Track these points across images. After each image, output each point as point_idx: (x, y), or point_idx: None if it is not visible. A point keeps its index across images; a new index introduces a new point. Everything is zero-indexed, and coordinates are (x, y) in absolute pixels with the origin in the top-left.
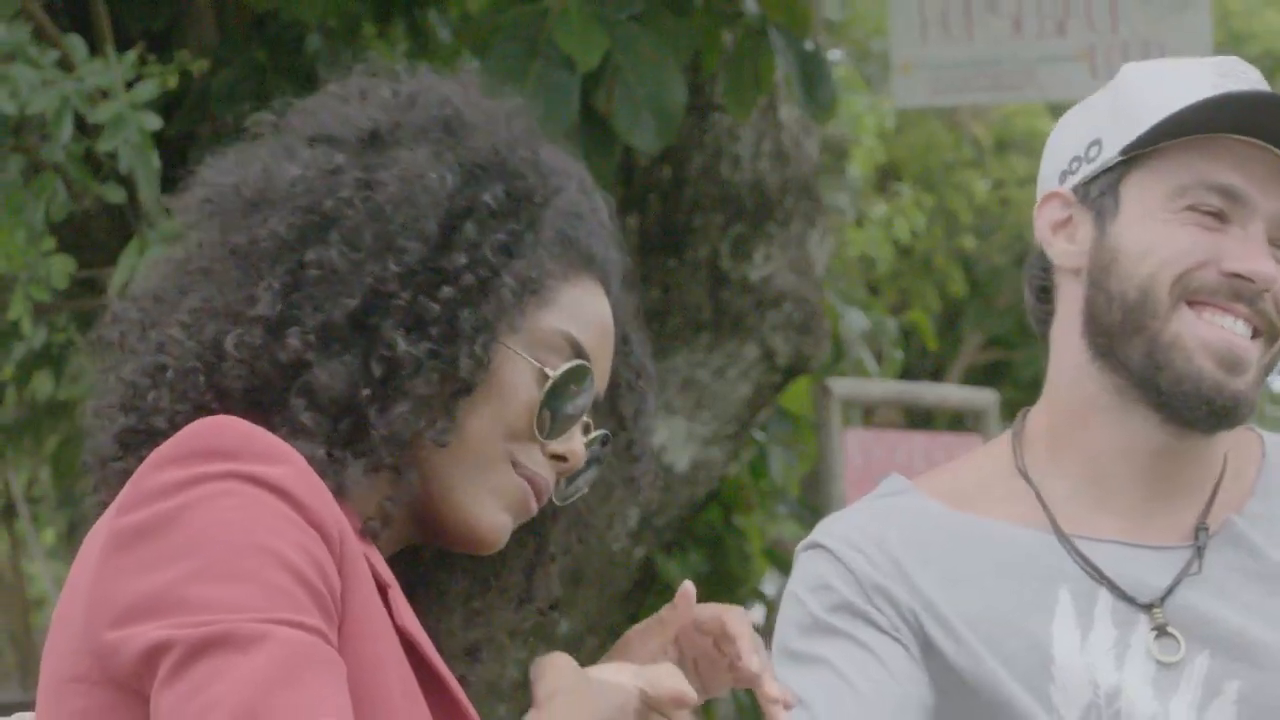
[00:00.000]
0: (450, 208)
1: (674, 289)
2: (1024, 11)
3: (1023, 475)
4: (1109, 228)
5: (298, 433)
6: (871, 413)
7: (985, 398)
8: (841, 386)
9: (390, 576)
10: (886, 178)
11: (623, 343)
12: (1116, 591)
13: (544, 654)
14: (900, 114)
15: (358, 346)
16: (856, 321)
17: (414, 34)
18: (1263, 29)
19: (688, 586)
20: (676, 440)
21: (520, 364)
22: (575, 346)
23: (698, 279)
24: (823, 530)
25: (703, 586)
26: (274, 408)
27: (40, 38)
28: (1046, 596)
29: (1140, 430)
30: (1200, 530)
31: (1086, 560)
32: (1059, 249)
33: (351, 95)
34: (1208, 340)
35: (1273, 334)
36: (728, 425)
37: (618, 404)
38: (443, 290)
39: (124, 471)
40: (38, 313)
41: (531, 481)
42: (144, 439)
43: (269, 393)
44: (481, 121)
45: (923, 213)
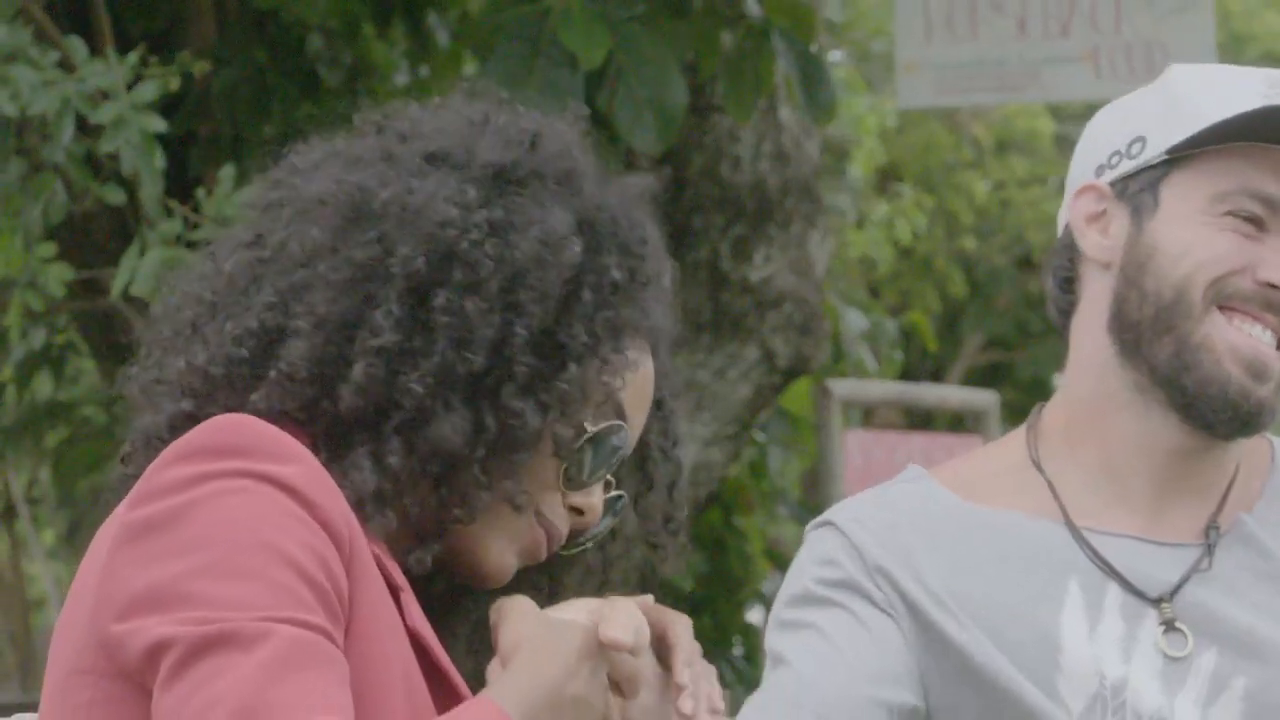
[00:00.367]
0: (576, 276)
1: (674, 290)
2: (1028, 12)
3: (1037, 467)
4: (1146, 225)
5: (384, 471)
6: (872, 414)
7: (985, 399)
8: (842, 387)
9: (403, 579)
10: (887, 179)
11: (658, 407)
12: (1126, 585)
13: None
14: (901, 115)
15: (474, 404)
16: (856, 321)
17: (413, 36)
18: (1263, 30)
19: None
20: None
21: None
22: (616, 406)
23: (698, 280)
24: (834, 510)
25: (703, 587)
26: (361, 439)
27: (41, 39)
28: (1056, 587)
29: (1159, 429)
30: (1211, 529)
31: (1097, 553)
32: (1091, 241)
33: (471, 118)
34: (1237, 346)
35: None
36: (728, 426)
37: (646, 467)
38: (558, 361)
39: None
40: (35, 315)
41: (547, 530)
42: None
43: (363, 424)
44: (594, 176)
45: (923, 214)
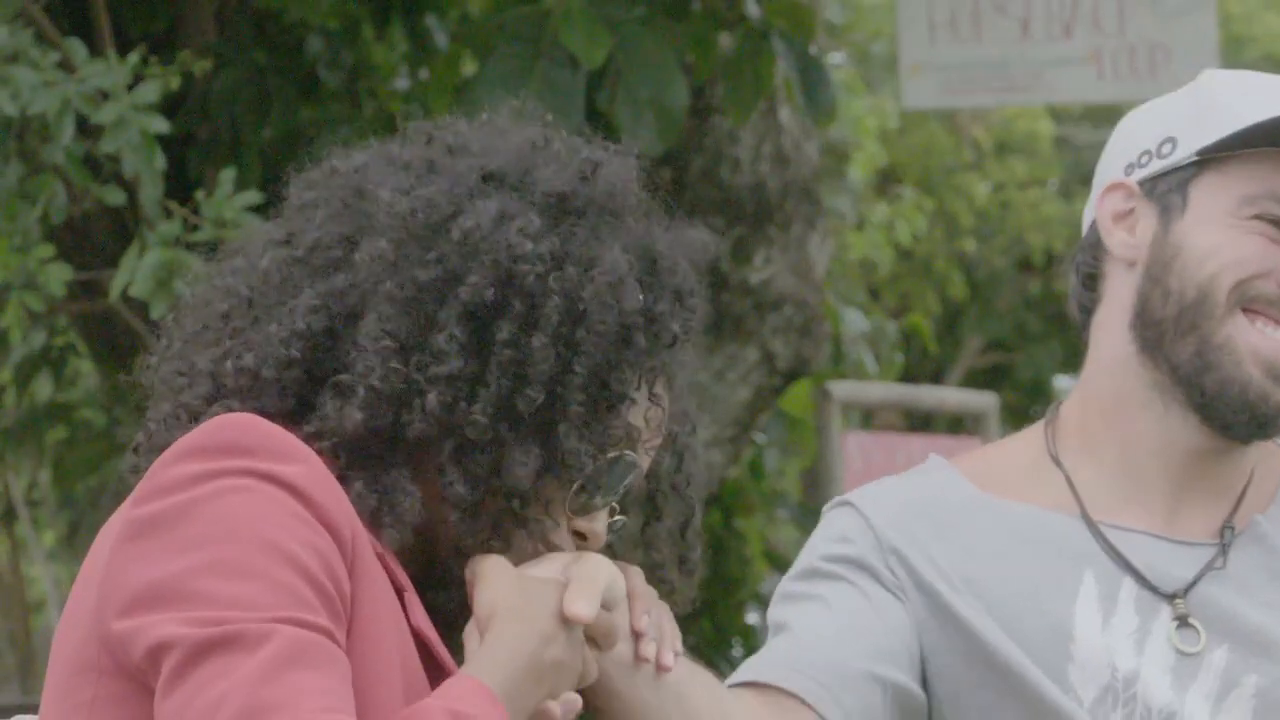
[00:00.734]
0: (633, 322)
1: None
2: (1032, 13)
3: (1055, 462)
4: (1173, 225)
5: (444, 500)
6: (872, 416)
7: (985, 401)
8: (841, 389)
9: (407, 580)
10: (887, 181)
11: (672, 442)
12: (1141, 579)
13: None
14: (901, 116)
15: (533, 439)
16: (856, 321)
17: (412, 37)
18: (1263, 32)
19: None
20: None
21: None
22: (632, 435)
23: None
24: (854, 492)
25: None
26: (398, 459)
27: (41, 40)
28: (1071, 578)
29: (1178, 429)
30: (1226, 529)
31: (1113, 547)
32: (1117, 239)
33: (532, 140)
34: (1259, 348)
35: None
36: (728, 428)
37: (657, 500)
38: (606, 403)
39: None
40: (35, 316)
41: (550, 552)
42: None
43: (421, 449)
44: (652, 216)
45: (923, 216)
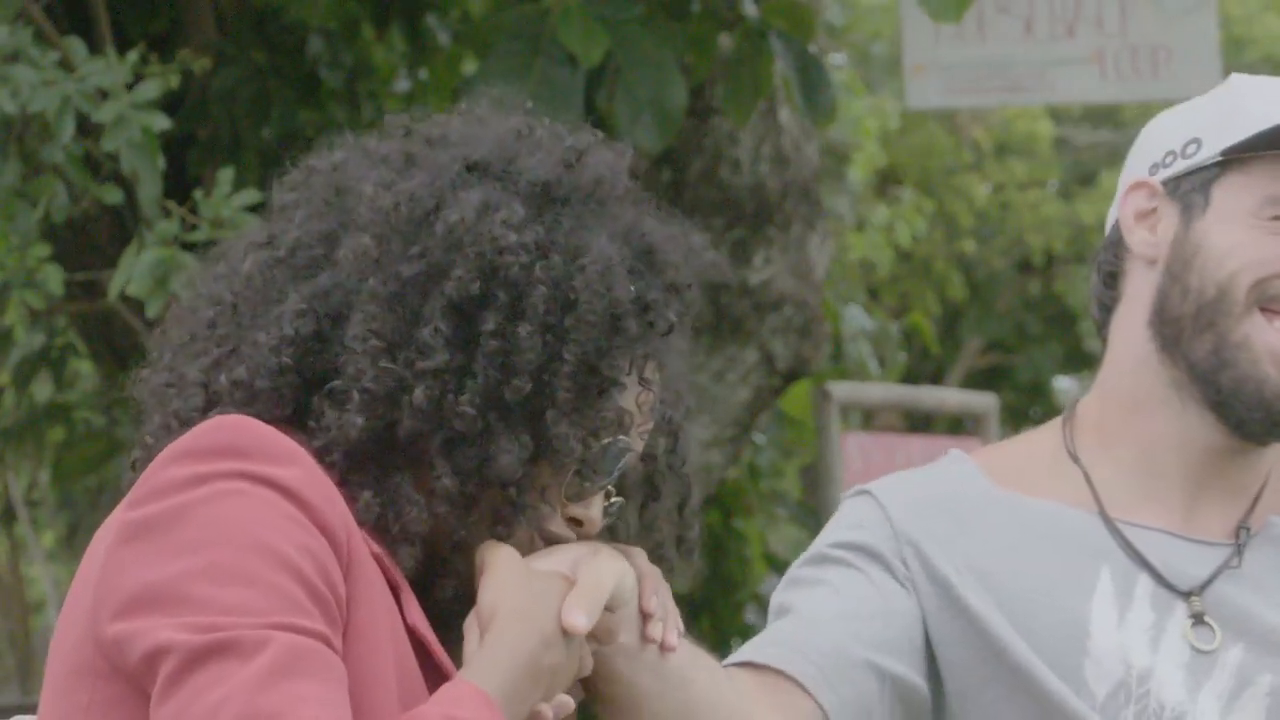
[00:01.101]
0: (624, 309)
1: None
2: (1035, 14)
3: (1073, 458)
4: (1195, 224)
5: (433, 494)
6: (872, 416)
7: (985, 401)
8: (841, 390)
9: (402, 579)
10: (887, 182)
11: (667, 423)
12: (1157, 576)
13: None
14: (901, 117)
15: (521, 428)
16: (857, 318)
17: (412, 37)
18: (1263, 34)
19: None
20: None
21: None
22: (623, 419)
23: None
24: (874, 483)
25: (702, 589)
26: (399, 461)
27: (41, 39)
28: (1087, 573)
29: (1195, 427)
30: (1242, 529)
31: (1130, 543)
32: (1139, 237)
33: (516, 129)
34: (1276, 347)
35: None
36: (727, 429)
37: (654, 480)
38: (596, 389)
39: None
40: (35, 316)
41: (547, 540)
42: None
43: (414, 445)
44: (629, 197)
45: (923, 218)
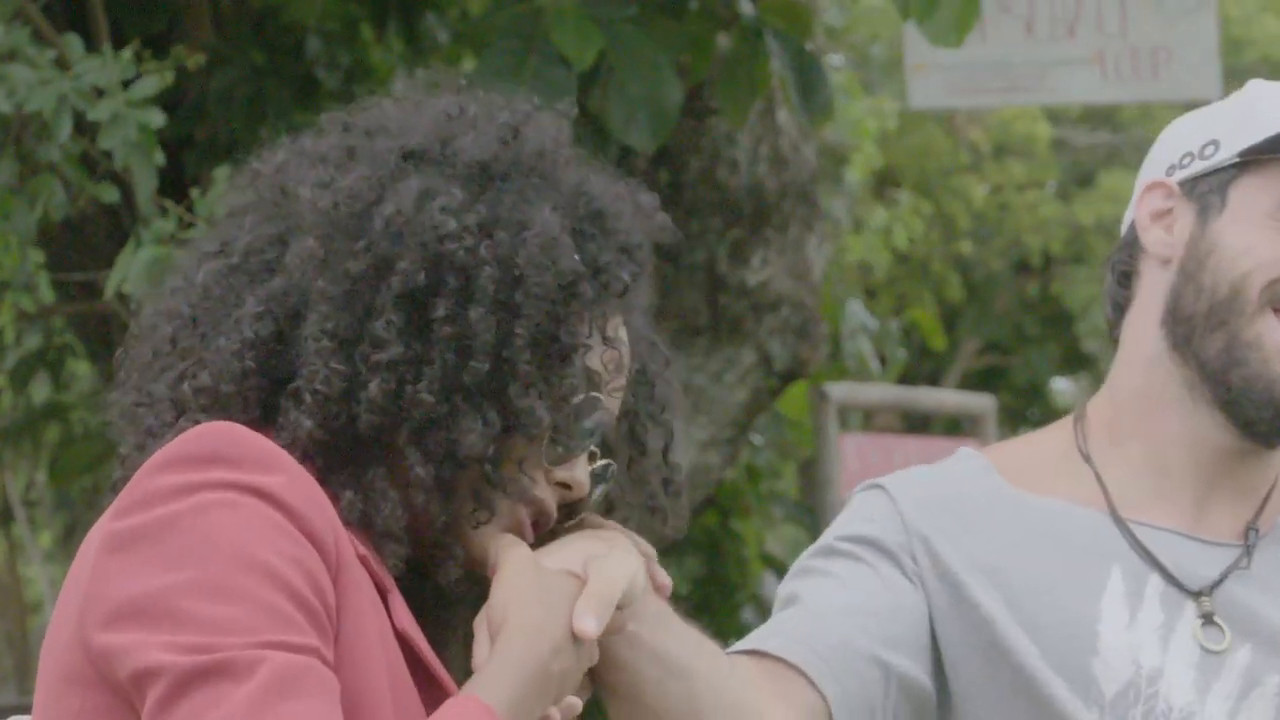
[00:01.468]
0: (574, 275)
1: (671, 293)
2: (1035, 14)
3: (1084, 458)
4: (1210, 224)
5: (409, 485)
6: (870, 417)
7: (982, 402)
8: (838, 391)
9: (390, 581)
10: (884, 183)
11: (641, 375)
12: (1167, 575)
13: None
14: (899, 117)
15: (484, 406)
16: (857, 313)
17: (411, 37)
18: (1261, 35)
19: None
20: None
21: None
22: (592, 379)
23: (695, 283)
24: (887, 477)
25: (699, 590)
26: (373, 457)
27: (38, 37)
28: (1098, 573)
29: (1206, 427)
30: (1251, 530)
31: (1140, 543)
32: (1154, 237)
33: (446, 111)
34: None
35: None
36: (724, 430)
37: (635, 433)
38: (558, 357)
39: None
40: (34, 317)
41: (537, 508)
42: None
43: (376, 441)
44: (585, 168)
45: (921, 220)
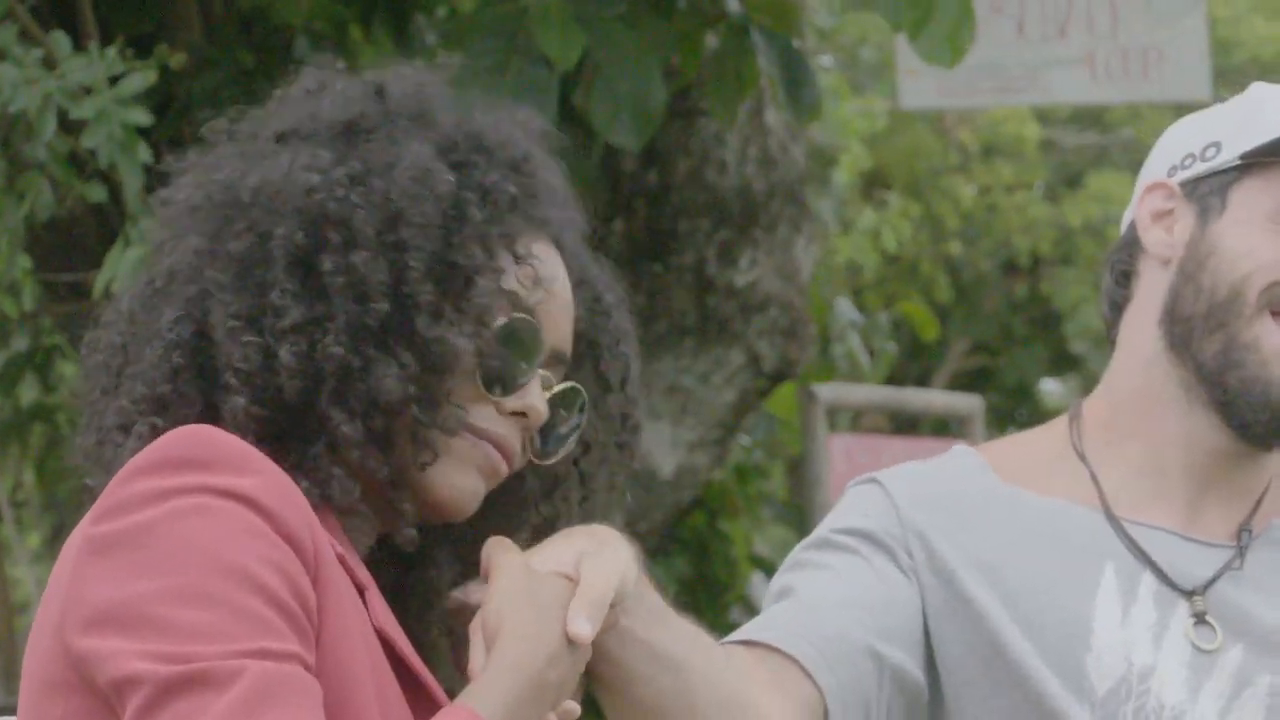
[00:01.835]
0: (456, 201)
1: (660, 294)
2: (1026, 15)
3: (1079, 456)
4: (1211, 225)
5: (338, 445)
6: (858, 418)
7: (970, 403)
8: (826, 392)
9: (368, 578)
10: (873, 185)
11: (595, 302)
12: (1160, 574)
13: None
14: (889, 117)
15: (394, 347)
16: (846, 311)
17: (399, 37)
18: (1250, 36)
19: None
20: (661, 445)
21: None
22: (515, 302)
23: (684, 284)
24: (882, 472)
25: (687, 591)
26: (313, 428)
27: (24, 37)
28: (1091, 571)
29: (1202, 428)
30: (1244, 531)
31: (1134, 541)
32: (1154, 237)
33: (307, 88)
34: None
35: None
36: (713, 431)
37: (600, 367)
38: (460, 281)
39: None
40: (20, 319)
41: (495, 443)
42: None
43: (303, 408)
44: (447, 104)
45: (910, 223)
